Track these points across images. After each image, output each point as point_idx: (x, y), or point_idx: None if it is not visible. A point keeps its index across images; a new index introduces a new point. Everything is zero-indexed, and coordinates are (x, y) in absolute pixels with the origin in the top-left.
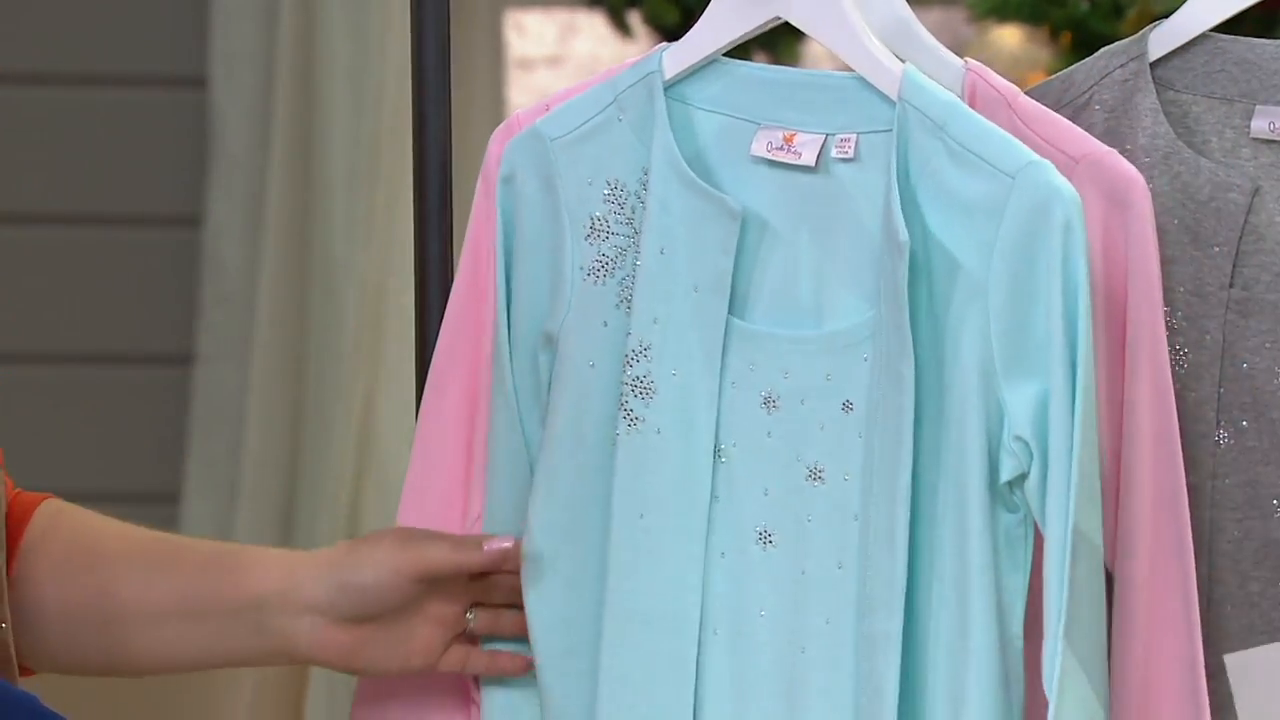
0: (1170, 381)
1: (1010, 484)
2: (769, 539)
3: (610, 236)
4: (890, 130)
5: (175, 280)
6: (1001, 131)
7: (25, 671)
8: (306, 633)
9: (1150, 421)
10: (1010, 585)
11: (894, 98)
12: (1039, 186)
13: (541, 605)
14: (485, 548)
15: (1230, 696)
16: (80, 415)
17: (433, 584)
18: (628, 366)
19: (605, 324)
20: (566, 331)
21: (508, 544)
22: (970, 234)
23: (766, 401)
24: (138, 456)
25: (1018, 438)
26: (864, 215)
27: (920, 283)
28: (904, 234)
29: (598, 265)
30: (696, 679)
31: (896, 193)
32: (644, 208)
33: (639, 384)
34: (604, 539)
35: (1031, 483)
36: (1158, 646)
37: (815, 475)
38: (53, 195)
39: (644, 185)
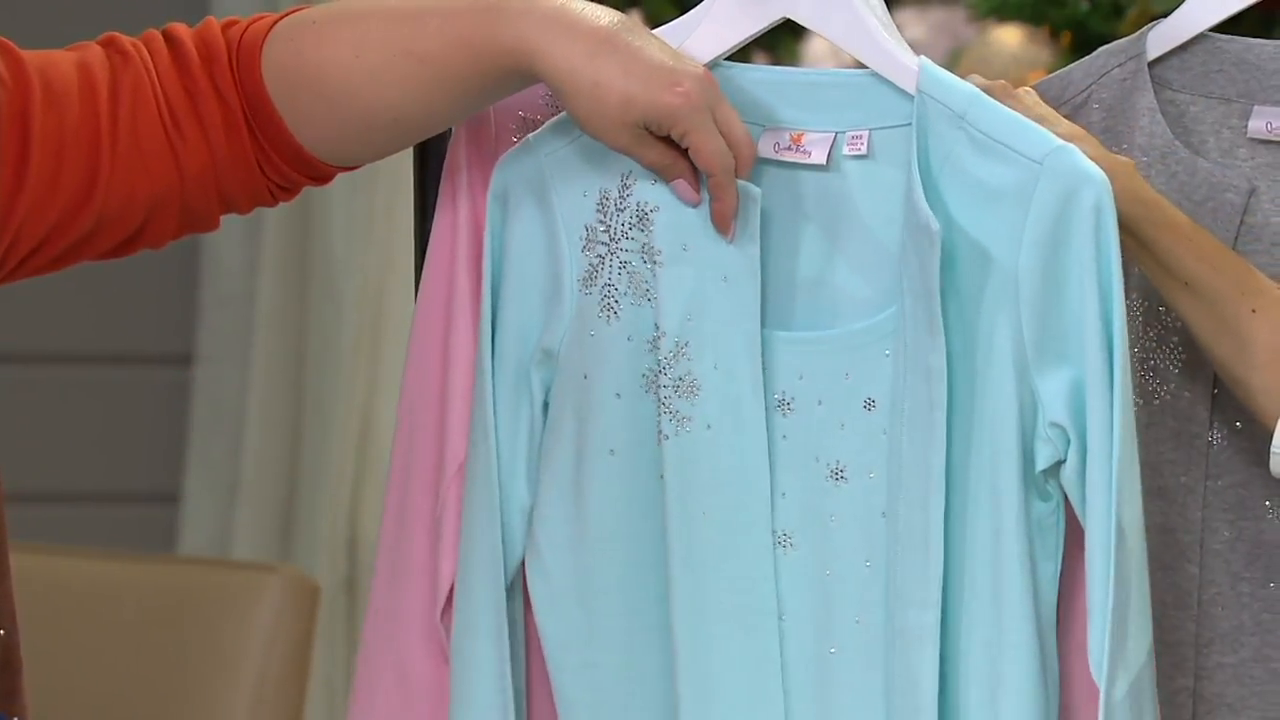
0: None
1: (1045, 472)
2: (788, 541)
3: (596, 246)
4: (907, 125)
5: (175, 280)
6: (1024, 119)
7: (330, 173)
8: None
9: None
10: (1043, 574)
11: (911, 91)
12: (1067, 171)
13: (556, 622)
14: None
15: (1218, 698)
16: (80, 415)
17: None
18: (666, 369)
19: (593, 335)
20: (567, 345)
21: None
22: (997, 222)
23: (780, 404)
24: (138, 456)
25: (1054, 424)
26: (880, 211)
27: (946, 274)
28: (934, 223)
29: (587, 275)
30: (782, 671)
31: (919, 183)
32: (625, 213)
33: (681, 384)
34: (630, 546)
35: (1069, 469)
36: None
37: (837, 474)
38: None
39: (622, 193)
